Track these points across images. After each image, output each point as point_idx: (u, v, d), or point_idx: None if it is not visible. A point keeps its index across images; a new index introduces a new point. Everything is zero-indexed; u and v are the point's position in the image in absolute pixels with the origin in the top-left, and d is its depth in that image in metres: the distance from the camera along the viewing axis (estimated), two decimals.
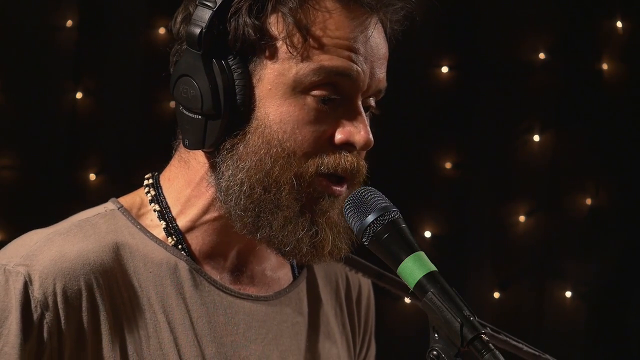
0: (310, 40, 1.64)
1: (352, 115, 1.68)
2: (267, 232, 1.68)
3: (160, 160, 1.83)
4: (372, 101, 1.72)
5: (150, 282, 1.70)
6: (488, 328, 1.86)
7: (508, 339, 1.89)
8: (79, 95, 3.86)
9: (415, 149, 4.05)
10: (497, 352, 1.44)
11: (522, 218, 4.06)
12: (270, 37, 1.65)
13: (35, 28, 3.78)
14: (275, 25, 1.64)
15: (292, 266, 1.87)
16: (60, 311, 1.63)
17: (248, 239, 1.72)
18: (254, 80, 1.66)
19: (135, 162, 3.77)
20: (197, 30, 1.63)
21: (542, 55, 4.03)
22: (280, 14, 1.64)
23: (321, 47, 1.64)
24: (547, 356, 1.87)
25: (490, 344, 1.45)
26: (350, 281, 1.94)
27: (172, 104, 3.73)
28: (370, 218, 1.56)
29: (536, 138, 4.05)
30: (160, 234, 1.74)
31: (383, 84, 1.71)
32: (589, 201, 4.05)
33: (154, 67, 3.87)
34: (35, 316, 1.62)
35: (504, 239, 4.08)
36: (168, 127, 1.79)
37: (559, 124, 4.06)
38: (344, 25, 1.66)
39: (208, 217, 1.73)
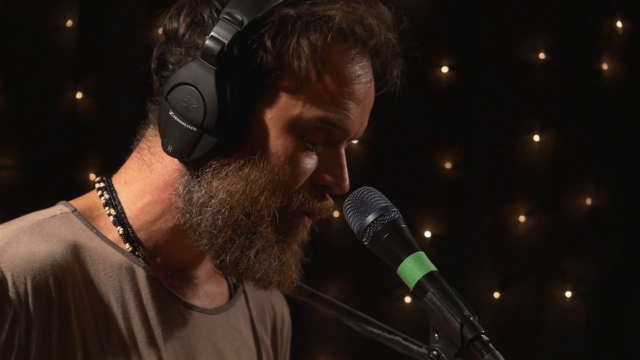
0: (324, 82, 1.64)
1: (334, 160, 1.69)
2: (237, 256, 1.68)
3: None
4: (347, 144, 1.74)
5: (110, 287, 1.68)
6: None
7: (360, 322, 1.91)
8: (79, 95, 3.86)
9: (415, 149, 4.05)
10: (497, 352, 1.44)
11: (522, 218, 4.06)
12: (287, 69, 1.63)
13: (35, 28, 3.77)
14: (295, 58, 1.63)
15: (228, 283, 1.87)
16: (31, 312, 1.60)
17: (197, 251, 1.71)
18: (260, 106, 1.65)
19: None
20: (218, 47, 1.60)
21: (542, 55, 4.03)
22: (301, 49, 1.62)
23: (330, 93, 1.64)
24: (401, 335, 1.88)
25: (490, 344, 1.45)
26: (275, 308, 1.95)
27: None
28: (370, 218, 1.57)
29: (536, 138, 4.04)
30: (115, 238, 1.71)
31: (364, 129, 1.73)
32: (589, 201, 4.05)
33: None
34: (7, 314, 1.59)
35: (504, 239, 4.08)
36: None
37: (559, 124, 4.06)
38: (356, 74, 1.66)
39: (164, 226, 1.71)
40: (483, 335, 1.46)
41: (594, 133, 4.04)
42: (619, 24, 4.01)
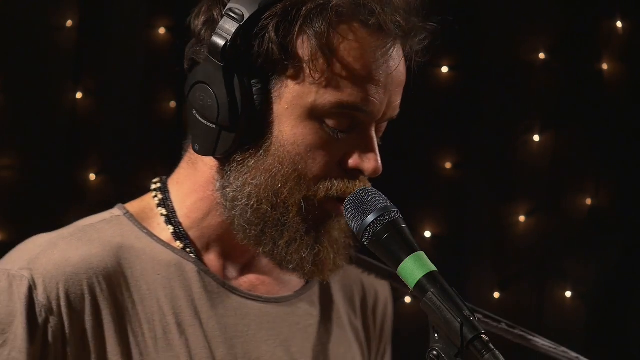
0: (333, 66, 1.62)
1: (364, 143, 1.68)
2: (270, 248, 1.68)
3: (160, 160, 1.82)
4: (383, 125, 1.72)
5: (159, 284, 1.70)
6: (504, 324, 1.85)
7: (524, 334, 1.89)
8: (79, 95, 3.86)
9: (415, 149, 4.05)
10: (497, 352, 1.44)
11: (522, 218, 4.06)
12: (293, 57, 1.63)
13: (35, 28, 3.77)
14: (301, 46, 1.62)
15: None
16: (64, 315, 1.62)
17: None
18: (273, 98, 1.64)
19: (135, 162, 3.77)
20: (221, 43, 1.61)
21: (542, 55, 4.03)
22: (306, 36, 1.62)
23: (343, 77, 1.63)
24: (563, 349, 1.87)
25: (490, 344, 1.45)
26: (365, 288, 1.93)
27: (173, 104, 3.73)
28: (370, 218, 1.56)
29: (536, 138, 4.04)
30: (167, 237, 1.73)
31: (397, 111, 1.71)
32: (589, 201, 4.05)
33: (154, 67, 3.88)
34: (40, 320, 1.61)
35: (504, 239, 4.08)
36: (168, 127, 1.79)
37: (559, 124, 4.06)
38: (368, 54, 1.64)
39: (213, 221, 1.73)
40: (483, 335, 1.45)
41: (594, 133, 4.04)
42: (619, 24, 4.01)
